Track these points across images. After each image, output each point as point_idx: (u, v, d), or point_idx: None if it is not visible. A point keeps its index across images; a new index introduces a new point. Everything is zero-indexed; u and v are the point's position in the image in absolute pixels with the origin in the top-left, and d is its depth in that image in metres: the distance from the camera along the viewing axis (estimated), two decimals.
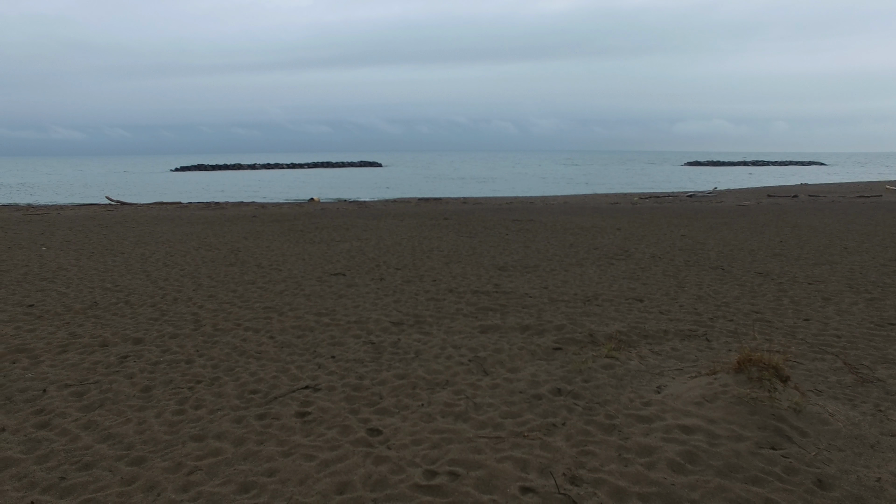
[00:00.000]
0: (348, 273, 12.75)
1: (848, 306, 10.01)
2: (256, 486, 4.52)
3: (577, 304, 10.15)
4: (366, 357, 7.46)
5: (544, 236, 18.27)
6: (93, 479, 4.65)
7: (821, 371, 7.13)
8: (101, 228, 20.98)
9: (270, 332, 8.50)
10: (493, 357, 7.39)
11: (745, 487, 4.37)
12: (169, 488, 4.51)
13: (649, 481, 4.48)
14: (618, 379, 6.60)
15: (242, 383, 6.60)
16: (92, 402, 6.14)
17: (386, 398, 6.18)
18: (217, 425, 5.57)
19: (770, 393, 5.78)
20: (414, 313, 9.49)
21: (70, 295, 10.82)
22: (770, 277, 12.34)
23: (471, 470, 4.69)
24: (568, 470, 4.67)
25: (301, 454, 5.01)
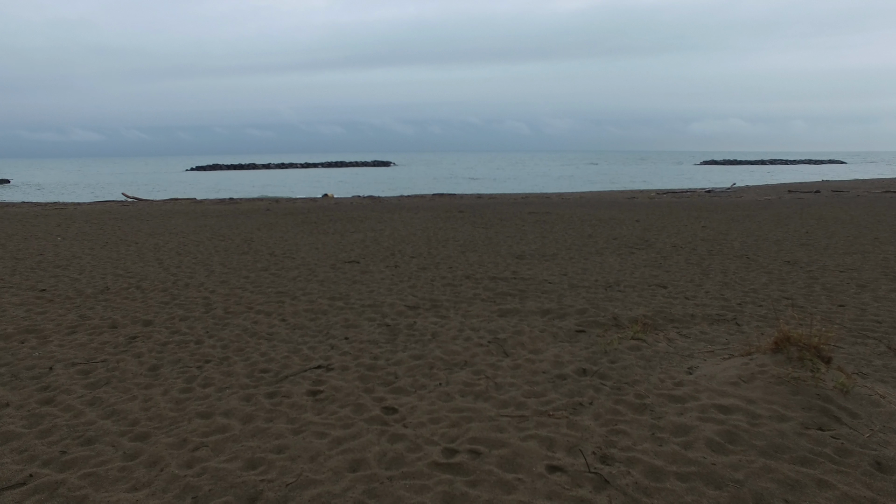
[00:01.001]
0: (362, 261, 12.49)
1: (885, 293, 9.52)
2: (264, 463, 4.25)
3: (598, 289, 9.78)
4: (380, 339, 7.17)
5: (561, 227, 17.88)
6: (94, 453, 4.41)
7: (864, 355, 6.70)
8: (116, 221, 20.98)
9: (282, 315, 8.25)
10: (514, 339, 7.07)
11: (794, 468, 4.01)
12: (172, 464, 4.25)
13: (687, 461, 4.13)
14: (646, 360, 6.24)
15: (252, 363, 6.35)
16: (98, 379, 5.92)
17: (402, 378, 5.88)
18: (225, 403, 5.31)
19: (813, 373, 5.39)
20: (430, 298, 9.19)
21: (82, 281, 10.69)
22: (798, 265, 11.86)
23: (493, 448, 4.37)
24: (598, 449, 4.34)
25: (312, 432, 4.73)
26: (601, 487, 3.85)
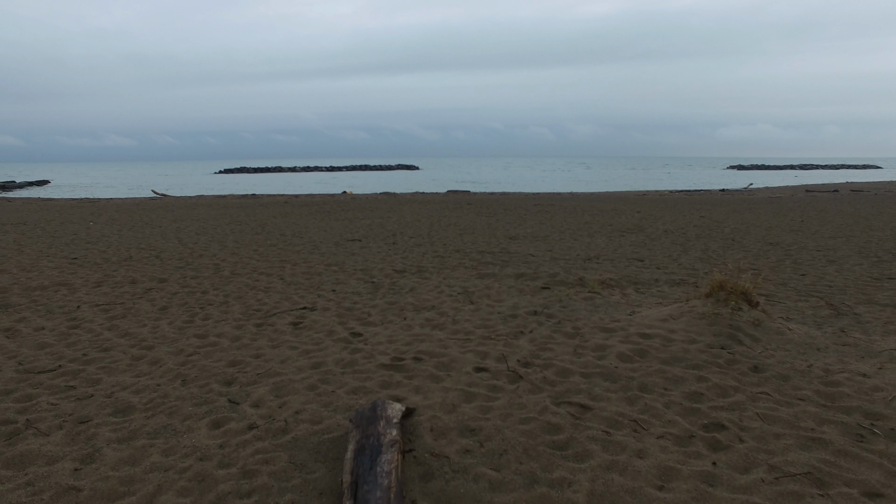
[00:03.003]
0: (364, 240, 13.40)
1: (850, 266, 10.02)
2: (242, 363, 5.14)
3: (577, 261, 10.48)
4: (363, 291, 8.04)
5: (562, 216, 18.55)
6: (109, 356, 5.36)
7: (801, 308, 7.30)
8: (144, 211, 22.36)
9: (282, 276, 9.19)
10: (482, 292, 7.86)
11: (683, 370, 4.71)
12: (169, 362, 5.18)
13: (595, 366, 4.87)
14: (595, 306, 6.96)
15: (248, 305, 7.27)
16: (116, 314, 6.91)
17: (374, 315, 6.73)
18: (219, 329, 6.23)
19: (732, 311, 6.06)
20: (418, 265, 10.03)
21: (109, 252, 11.82)
22: (780, 246, 12.35)
23: (434, 357, 5.18)
24: (522, 358, 5.11)
25: (287, 346, 5.61)
26: (514, 381, 4.62)
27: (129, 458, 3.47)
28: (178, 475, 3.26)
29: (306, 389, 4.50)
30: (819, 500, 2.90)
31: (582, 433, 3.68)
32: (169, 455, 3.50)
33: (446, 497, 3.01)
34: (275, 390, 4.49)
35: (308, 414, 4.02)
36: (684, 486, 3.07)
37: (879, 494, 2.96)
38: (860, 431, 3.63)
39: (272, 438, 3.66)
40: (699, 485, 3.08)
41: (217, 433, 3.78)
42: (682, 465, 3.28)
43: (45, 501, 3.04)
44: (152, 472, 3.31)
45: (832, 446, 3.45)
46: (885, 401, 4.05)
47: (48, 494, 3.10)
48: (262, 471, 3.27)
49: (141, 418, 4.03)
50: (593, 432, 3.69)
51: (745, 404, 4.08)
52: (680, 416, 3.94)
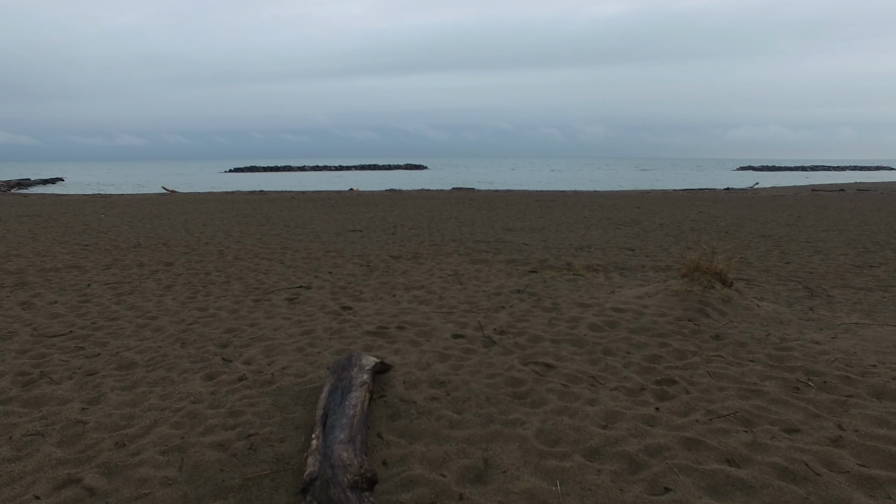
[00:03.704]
0: (365, 230, 13.79)
1: (836, 256, 10.26)
2: (238, 330, 5.52)
3: (568, 250, 10.80)
4: (358, 272, 8.42)
5: (561, 210, 18.85)
6: (116, 325, 5.77)
7: (778, 291, 7.58)
8: (154, 205, 22.92)
9: (282, 260, 9.59)
10: (472, 275, 8.21)
11: (648, 338, 5.04)
12: (171, 329, 5.58)
13: (565, 334, 5.20)
14: (577, 287, 7.29)
15: (248, 284, 7.67)
16: (124, 291, 7.34)
17: (365, 293, 7.10)
18: (219, 303, 6.63)
19: (704, 289, 6.37)
20: (414, 252, 10.40)
21: (119, 240, 12.30)
22: (771, 238, 12.59)
23: (416, 326, 5.54)
24: (498, 327, 5.45)
25: (281, 317, 5.99)
26: (488, 345, 4.97)
27: (129, 402, 3.86)
28: (172, 413, 3.65)
29: (294, 351, 4.88)
30: (743, 434, 3.22)
31: (542, 386, 4.02)
32: (165, 399, 3.89)
33: (409, 432, 3.36)
34: (265, 351, 4.87)
35: (294, 369, 4.39)
36: (625, 426, 3.40)
37: (797, 430, 3.27)
38: (797, 385, 3.94)
39: (259, 388, 4.04)
40: (639, 424, 3.41)
41: (210, 383, 4.16)
42: (627, 410, 3.61)
43: (57, 430, 3.43)
44: (150, 411, 3.70)
45: (768, 396, 3.76)
46: (827, 361, 4.35)
47: (59, 425, 3.50)
48: (247, 411, 3.64)
49: (142, 372, 4.42)
50: (553, 385, 4.02)
51: (699, 365, 4.40)
52: (636, 373, 4.26)
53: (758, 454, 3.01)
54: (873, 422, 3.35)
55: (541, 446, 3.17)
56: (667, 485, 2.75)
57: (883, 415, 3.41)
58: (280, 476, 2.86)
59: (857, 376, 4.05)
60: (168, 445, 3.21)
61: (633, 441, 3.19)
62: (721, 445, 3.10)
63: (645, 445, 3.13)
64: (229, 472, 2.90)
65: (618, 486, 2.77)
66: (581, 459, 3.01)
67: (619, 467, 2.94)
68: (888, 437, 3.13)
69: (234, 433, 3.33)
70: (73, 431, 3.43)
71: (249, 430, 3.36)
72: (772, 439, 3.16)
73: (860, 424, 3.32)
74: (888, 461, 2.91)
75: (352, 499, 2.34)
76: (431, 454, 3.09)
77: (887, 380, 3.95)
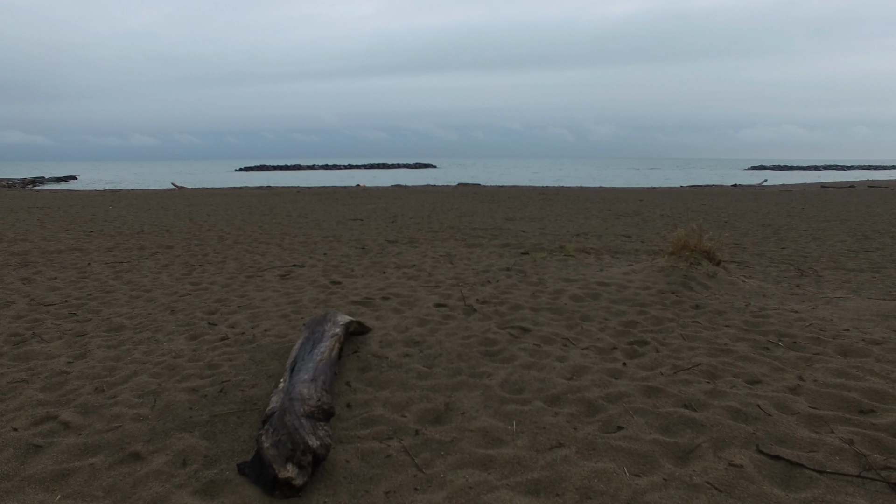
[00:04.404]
0: (365, 219, 13.92)
1: (833, 242, 10.22)
2: (228, 300, 5.65)
3: (565, 236, 10.85)
4: (353, 254, 8.54)
5: (563, 203, 18.87)
6: (111, 296, 5.93)
7: (768, 271, 7.60)
8: (161, 199, 23.23)
9: (280, 244, 9.74)
10: (464, 256, 8.29)
11: (628, 307, 5.09)
12: (162, 300, 5.72)
13: (546, 304, 5.27)
14: (567, 266, 7.35)
15: (243, 264, 7.81)
16: (122, 269, 7.50)
17: (356, 271, 7.21)
18: (212, 279, 6.77)
19: (690, 265, 6.40)
20: (410, 237, 10.50)
21: (123, 228, 12.52)
22: (771, 227, 12.56)
23: (401, 297, 5.63)
24: (481, 297, 5.53)
25: (271, 290, 6.12)
26: (469, 313, 5.05)
27: (114, 356, 3.99)
28: (153, 366, 3.77)
29: (279, 317, 4.99)
30: (704, 385, 3.28)
31: (515, 346, 4.09)
32: (148, 355, 4.02)
33: (377, 382, 3.46)
34: (251, 317, 5.00)
35: (275, 331, 4.50)
36: (590, 378, 3.47)
37: (758, 381, 3.33)
38: (767, 346, 3.98)
39: (239, 346, 4.15)
40: (604, 377, 3.48)
41: (193, 342, 4.28)
42: (595, 365, 3.68)
43: (42, 379, 3.57)
44: (132, 363, 3.83)
45: (736, 354, 3.81)
46: (801, 327, 4.39)
47: (44, 375, 3.63)
48: (224, 364, 3.76)
49: (130, 333, 4.56)
50: (525, 345, 4.10)
51: (674, 329, 4.45)
52: (610, 336, 4.33)
53: (715, 400, 3.07)
54: (833, 373, 3.39)
55: (503, 394, 3.25)
56: (620, 424, 2.83)
57: (844, 368, 3.46)
58: (246, 414, 2.97)
59: (828, 338, 4.09)
60: (144, 391, 3.33)
61: (595, 390, 3.26)
62: (680, 393, 3.17)
63: (606, 393, 3.21)
64: (197, 410, 3.01)
65: (572, 425, 2.85)
66: (540, 405, 3.09)
67: (576, 410, 3.02)
68: (844, 385, 3.18)
69: (208, 381, 3.45)
70: (57, 380, 3.56)
71: (223, 378, 3.48)
72: (731, 388, 3.22)
73: (820, 376, 3.37)
74: (839, 404, 2.96)
75: (305, 425, 2.44)
76: (395, 399, 3.18)
77: (856, 341, 3.98)
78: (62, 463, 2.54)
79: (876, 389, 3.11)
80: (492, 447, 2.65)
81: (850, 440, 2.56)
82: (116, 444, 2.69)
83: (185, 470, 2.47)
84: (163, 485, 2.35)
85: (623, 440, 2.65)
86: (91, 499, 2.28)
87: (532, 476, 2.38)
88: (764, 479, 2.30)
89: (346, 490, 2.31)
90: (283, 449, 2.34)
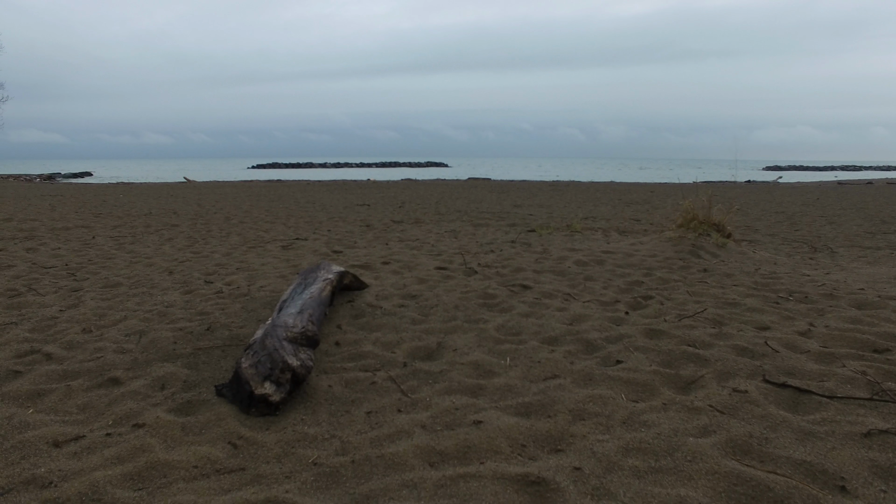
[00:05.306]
0: (373, 205, 13.85)
1: (849, 226, 9.97)
2: (227, 265, 5.58)
3: (573, 219, 10.69)
4: (357, 231, 8.45)
5: (573, 192, 18.68)
6: (111, 262, 5.89)
7: (781, 248, 7.40)
8: (172, 189, 23.36)
9: (286, 223, 9.68)
10: (470, 233, 8.17)
11: (634, 270, 4.95)
12: (162, 265, 5.66)
13: (550, 268, 5.14)
14: (572, 239, 7.20)
15: (247, 237, 7.76)
16: (126, 241, 7.48)
17: (359, 243, 7.12)
18: (214, 249, 6.72)
19: (699, 235, 6.24)
20: (416, 218, 10.41)
21: (132, 210, 12.56)
22: (784, 214, 12.30)
23: (401, 262, 5.53)
24: (483, 262, 5.41)
25: (272, 257, 6.04)
26: (469, 274, 4.93)
27: (106, 306, 3.93)
28: (144, 313, 3.70)
29: (276, 277, 4.91)
30: (710, 329, 3.14)
31: (514, 299, 3.97)
32: (141, 305, 3.95)
33: (370, 326, 3.35)
34: (248, 277, 4.92)
35: (269, 287, 4.42)
36: (590, 324, 3.34)
37: (767, 328, 3.17)
38: (777, 300, 3.83)
39: (233, 298, 4.07)
40: (605, 323, 3.35)
41: (187, 295, 4.21)
42: (596, 314, 3.55)
43: (31, 323, 3.51)
44: (123, 311, 3.76)
45: (744, 307, 3.66)
46: (814, 286, 4.23)
47: (33, 321, 3.57)
48: (215, 312, 3.68)
49: (125, 289, 4.50)
50: (525, 299, 3.98)
51: (680, 287, 4.31)
52: (614, 293, 4.19)
53: (720, 341, 2.93)
54: (847, 321, 3.24)
55: (499, 336, 3.13)
56: (619, 359, 2.70)
57: (859, 316, 3.30)
58: (231, 349, 2.88)
59: (841, 295, 3.92)
60: (131, 331, 3.26)
61: (595, 333, 3.13)
62: (684, 335, 3.03)
63: (606, 335, 3.08)
64: (182, 345, 2.93)
65: (568, 360, 2.72)
66: (537, 344, 2.97)
67: (574, 349, 2.90)
68: (857, 330, 3.02)
69: (197, 322, 3.37)
70: (46, 323, 3.50)
71: (212, 320, 3.40)
72: (739, 332, 3.08)
73: (833, 323, 3.21)
74: (852, 344, 2.81)
75: (286, 347, 2.35)
76: (386, 339, 3.08)
77: (872, 297, 3.81)
78: (39, 384, 2.47)
79: (892, 333, 2.95)
80: (483, 378, 2.54)
81: (863, 371, 2.41)
82: (96, 371, 2.61)
83: (162, 392, 2.39)
84: (138, 403, 2.27)
85: (622, 371, 2.52)
86: (64, 414, 2.20)
87: (523, 400, 2.26)
88: (770, 403, 2.16)
89: (325, 410, 2.21)
90: (261, 368, 2.24)
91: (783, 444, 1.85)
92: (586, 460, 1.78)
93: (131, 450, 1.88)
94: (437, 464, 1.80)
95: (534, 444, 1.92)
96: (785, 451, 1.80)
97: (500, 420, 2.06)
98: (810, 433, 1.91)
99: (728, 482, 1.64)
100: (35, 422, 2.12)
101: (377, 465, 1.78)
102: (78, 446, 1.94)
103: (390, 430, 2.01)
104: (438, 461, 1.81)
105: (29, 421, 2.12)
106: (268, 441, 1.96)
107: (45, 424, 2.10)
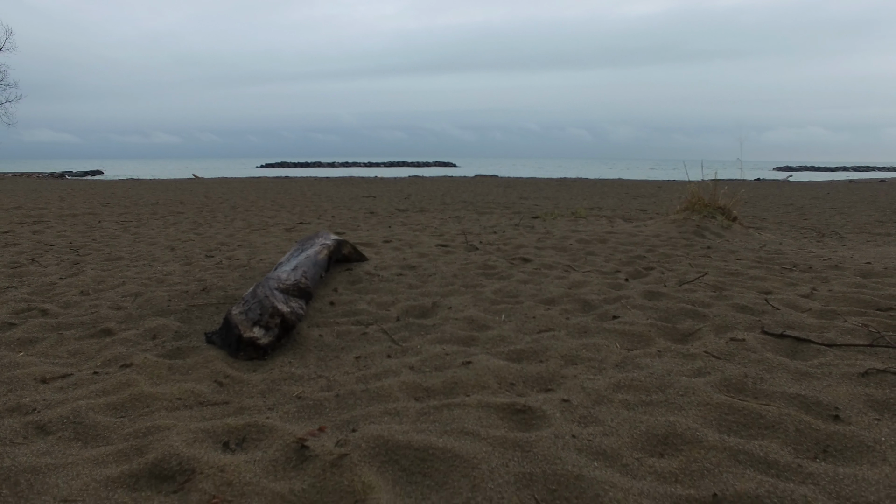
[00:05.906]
0: (378, 197, 13.85)
1: (859, 217, 9.84)
2: (230, 244, 5.59)
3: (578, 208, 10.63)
4: (361, 218, 8.44)
5: (581, 188, 18.60)
6: (115, 242, 5.91)
7: (788, 233, 7.31)
8: (180, 184, 23.50)
9: (291, 211, 9.69)
10: (473, 219, 8.14)
11: (636, 246, 4.90)
12: (163, 243, 5.68)
13: (552, 245, 5.10)
14: (576, 223, 7.15)
15: (251, 222, 7.77)
16: (130, 225, 7.52)
17: (362, 227, 7.11)
18: (218, 231, 6.73)
19: (704, 217, 6.17)
20: (421, 207, 10.39)
21: (139, 201, 12.64)
22: (794, 206, 12.17)
23: (403, 241, 5.51)
24: (485, 241, 5.38)
25: (274, 237, 6.04)
26: (470, 250, 4.90)
27: (106, 275, 3.93)
28: (143, 279, 3.70)
29: (276, 252, 4.91)
30: (710, 293, 3.09)
31: (513, 270, 3.94)
32: (140, 274, 3.96)
33: (366, 290, 3.33)
34: (249, 252, 4.92)
35: (269, 260, 4.41)
36: (589, 289, 3.30)
37: (769, 292, 3.12)
38: (782, 271, 3.77)
39: (232, 269, 4.07)
40: (603, 288, 3.30)
41: (187, 266, 4.22)
42: (595, 282, 3.51)
43: (30, 288, 3.52)
44: (122, 278, 3.77)
45: (747, 275, 3.61)
46: (819, 260, 4.16)
47: (33, 285, 3.59)
48: (212, 279, 3.67)
49: (126, 262, 4.51)
50: (525, 269, 3.94)
51: (682, 260, 4.25)
52: (615, 265, 4.14)
53: (720, 301, 2.88)
54: (851, 286, 3.18)
55: (495, 297, 3.10)
56: (616, 315, 2.66)
57: (862, 282, 3.24)
58: (224, 306, 2.87)
59: (847, 266, 3.85)
60: (128, 293, 3.26)
61: (594, 295, 3.09)
62: (684, 297, 2.99)
63: (604, 297, 3.04)
64: (176, 302, 2.92)
65: (564, 316, 2.69)
66: (532, 304, 2.94)
67: (571, 307, 2.86)
68: (861, 292, 2.96)
69: (193, 285, 3.36)
70: (45, 288, 3.52)
71: (209, 284, 3.39)
72: (739, 294, 3.03)
73: (836, 287, 3.15)
74: (852, 304, 2.76)
75: (277, 295, 2.33)
76: (381, 300, 3.06)
77: (879, 268, 3.75)
78: (32, 333, 2.47)
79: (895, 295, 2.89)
80: (476, 331, 2.51)
81: (865, 325, 2.36)
82: (90, 324, 2.61)
83: (153, 341, 2.38)
84: (128, 349, 2.26)
85: (618, 325, 2.48)
86: (54, 358, 2.20)
87: (515, 348, 2.23)
88: (767, 351, 2.11)
89: (314, 356, 2.19)
90: (251, 314, 2.23)
91: (778, 382, 1.81)
92: (576, 395, 1.75)
93: (117, 384, 1.88)
94: (422, 398, 1.77)
95: (523, 384, 1.89)
96: (780, 388, 1.76)
97: (490, 362, 2.03)
98: (807, 374, 1.87)
99: (719, 412, 1.60)
100: (24, 363, 2.12)
101: (361, 398, 1.76)
102: (65, 382, 1.93)
103: (377, 370, 1.99)
104: (424, 396, 1.79)
105: (19, 361, 2.12)
106: (253, 379, 1.95)
107: (34, 365, 2.09)
